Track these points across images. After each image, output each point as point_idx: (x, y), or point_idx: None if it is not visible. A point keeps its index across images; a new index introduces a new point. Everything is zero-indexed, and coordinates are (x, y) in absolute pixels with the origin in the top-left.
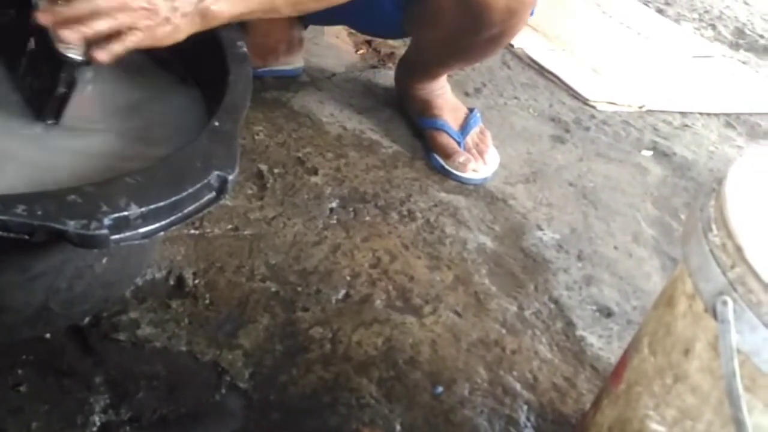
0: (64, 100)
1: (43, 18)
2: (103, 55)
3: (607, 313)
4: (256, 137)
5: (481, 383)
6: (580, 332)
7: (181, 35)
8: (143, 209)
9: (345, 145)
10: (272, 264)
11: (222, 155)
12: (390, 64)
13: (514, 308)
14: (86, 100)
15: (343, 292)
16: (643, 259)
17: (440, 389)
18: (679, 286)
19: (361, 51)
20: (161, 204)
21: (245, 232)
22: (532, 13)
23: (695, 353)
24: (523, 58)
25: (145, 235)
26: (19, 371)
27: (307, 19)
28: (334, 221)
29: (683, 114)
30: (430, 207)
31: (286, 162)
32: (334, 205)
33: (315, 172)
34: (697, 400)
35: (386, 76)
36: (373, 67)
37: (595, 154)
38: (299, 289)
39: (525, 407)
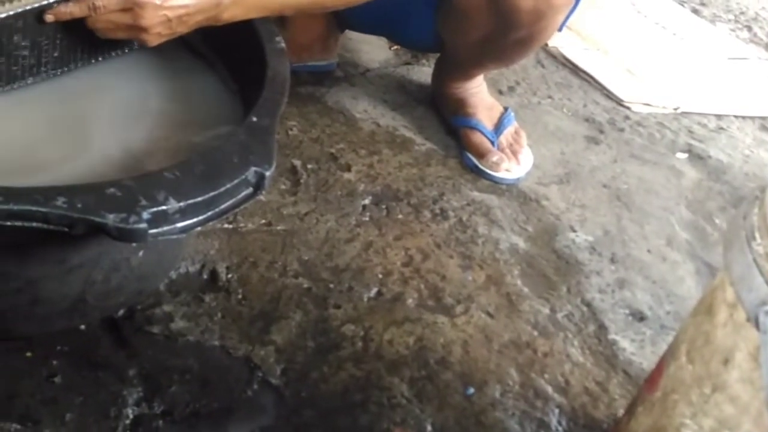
0: None
1: None
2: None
3: (640, 318)
4: (290, 132)
5: (513, 385)
6: (612, 336)
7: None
8: (181, 204)
9: (378, 142)
10: (305, 260)
11: (259, 151)
12: (423, 61)
13: (546, 310)
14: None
15: (375, 290)
16: (677, 263)
17: (471, 390)
18: (719, 294)
19: (394, 47)
20: (199, 199)
21: (278, 228)
22: (564, 24)
23: (735, 363)
24: (558, 57)
25: (183, 230)
26: (54, 362)
27: (344, 25)
28: (367, 218)
29: (718, 117)
30: (462, 206)
31: (320, 158)
32: (366, 202)
33: (348, 169)
34: (736, 411)
35: (420, 73)
36: (407, 63)
37: (630, 155)
38: (331, 286)
39: (556, 411)
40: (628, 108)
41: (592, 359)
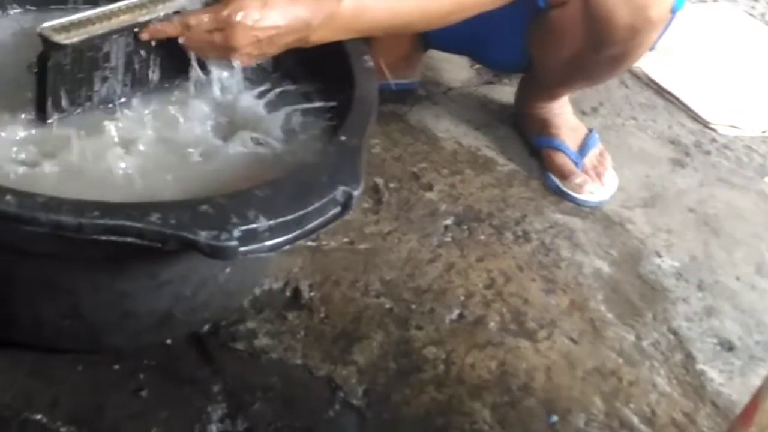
0: (42, 89)
1: None
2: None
3: (729, 347)
4: (373, 150)
5: (597, 414)
6: (700, 366)
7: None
8: (271, 222)
9: (460, 162)
10: (387, 280)
11: (348, 170)
12: (506, 80)
13: (631, 337)
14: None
15: (457, 312)
16: (767, 291)
17: (555, 418)
18: None
19: (476, 66)
20: (288, 218)
21: (360, 246)
22: (656, 42)
23: None
24: (642, 78)
25: (272, 248)
26: (141, 376)
27: (429, 44)
28: (449, 239)
29: None
30: (545, 228)
31: (402, 177)
32: (448, 222)
33: (430, 188)
34: None
35: (502, 92)
36: (489, 82)
37: (717, 179)
38: (413, 306)
39: None
40: (715, 130)
41: (680, 389)
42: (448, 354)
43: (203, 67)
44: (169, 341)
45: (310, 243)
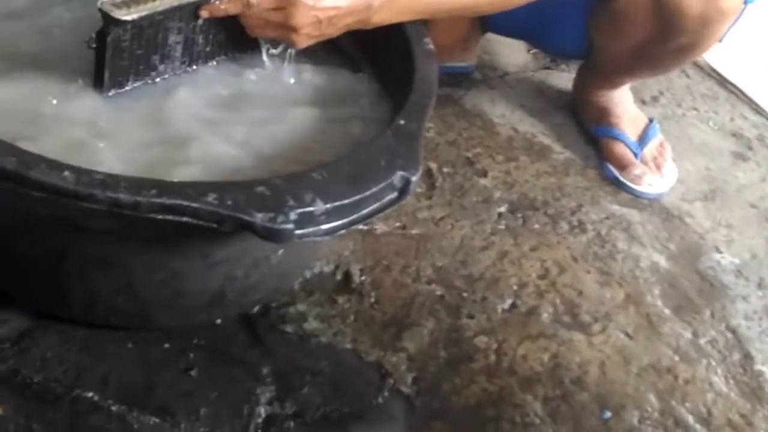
0: (100, 64)
1: None
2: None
3: None
4: (427, 134)
5: (652, 412)
6: (758, 366)
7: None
8: (328, 206)
9: (516, 148)
10: (438, 266)
11: (406, 155)
12: (563, 66)
13: (688, 334)
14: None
15: (509, 301)
16: None
17: (608, 414)
18: None
19: (533, 50)
20: (345, 202)
21: (413, 232)
22: (726, 33)
23: None
24: (704, 68)
25: (327, 232)
26: (191, 355)
27: (487, 27)
28: (503, 227)
29: None
30: (601, 219)
31: (456, 162)
32: (502, 209)
33: (484, 174)
34: None
35: (559, 78)
36: (546, 68)
37: None
38: (465, 294)
39: None
40: None
41: (737, 390)
42: (499, 344)
43: (260, 45)
44: (219, 321)
45: (362, 226)
